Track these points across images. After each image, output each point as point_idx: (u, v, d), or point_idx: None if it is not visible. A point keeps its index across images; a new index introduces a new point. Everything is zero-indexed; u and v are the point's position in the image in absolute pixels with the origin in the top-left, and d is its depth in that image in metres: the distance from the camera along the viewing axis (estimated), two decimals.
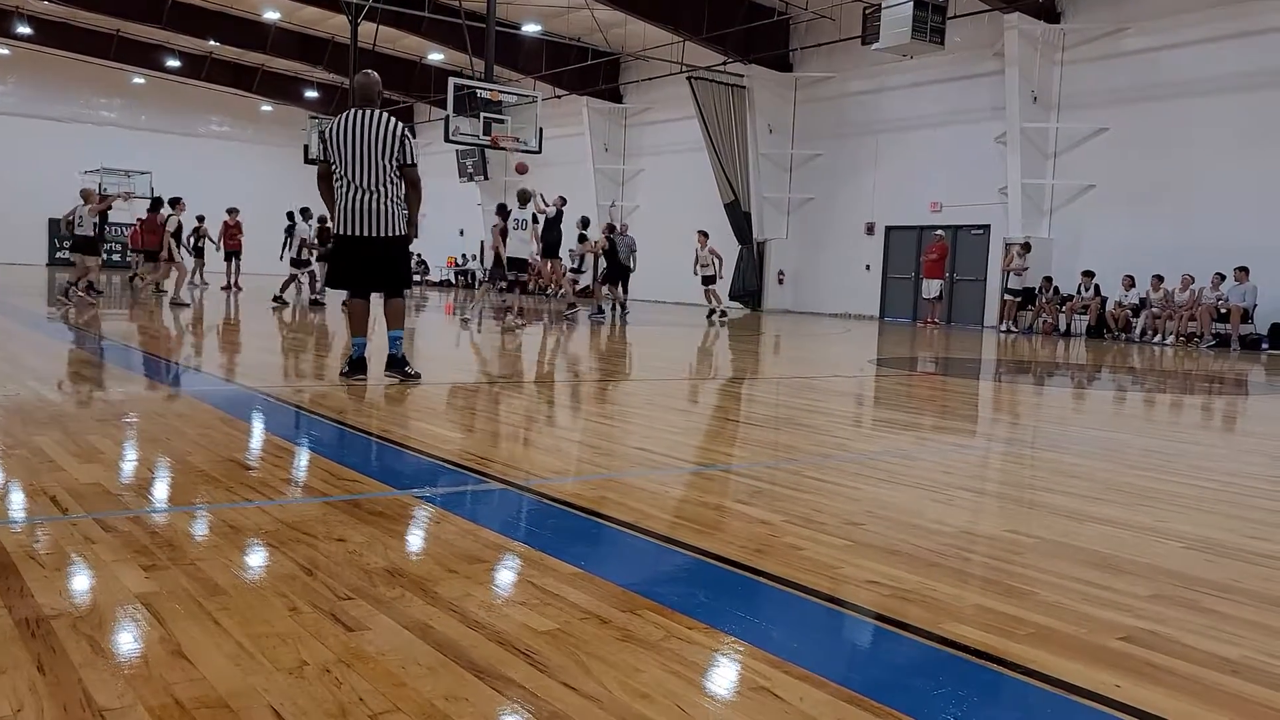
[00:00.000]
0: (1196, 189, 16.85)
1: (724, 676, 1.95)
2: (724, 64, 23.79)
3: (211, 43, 31.53)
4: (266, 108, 38.07)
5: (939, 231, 20.73)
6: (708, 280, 19.26)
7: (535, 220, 14.83)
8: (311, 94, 35.59)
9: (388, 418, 5.38)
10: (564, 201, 16.79)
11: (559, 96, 27.54)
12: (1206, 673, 2.05)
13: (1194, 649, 2.18)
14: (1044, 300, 18.82)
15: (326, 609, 2.21)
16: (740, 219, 24.17)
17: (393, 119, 6.32)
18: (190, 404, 5.57)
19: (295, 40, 30.65)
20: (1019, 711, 1.88)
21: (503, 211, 14.40)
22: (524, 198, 14.25)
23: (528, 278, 15.92)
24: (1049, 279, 18.77)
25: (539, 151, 20.05)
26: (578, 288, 17.67)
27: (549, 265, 18.11)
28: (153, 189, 35.64)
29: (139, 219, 28.33)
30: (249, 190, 35.91)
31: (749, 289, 24.52)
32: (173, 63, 33.19)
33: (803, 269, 24.60)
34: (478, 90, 19.05)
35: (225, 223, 22.50)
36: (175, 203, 17.05)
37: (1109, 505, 3.79)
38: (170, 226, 16.60)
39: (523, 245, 14.27)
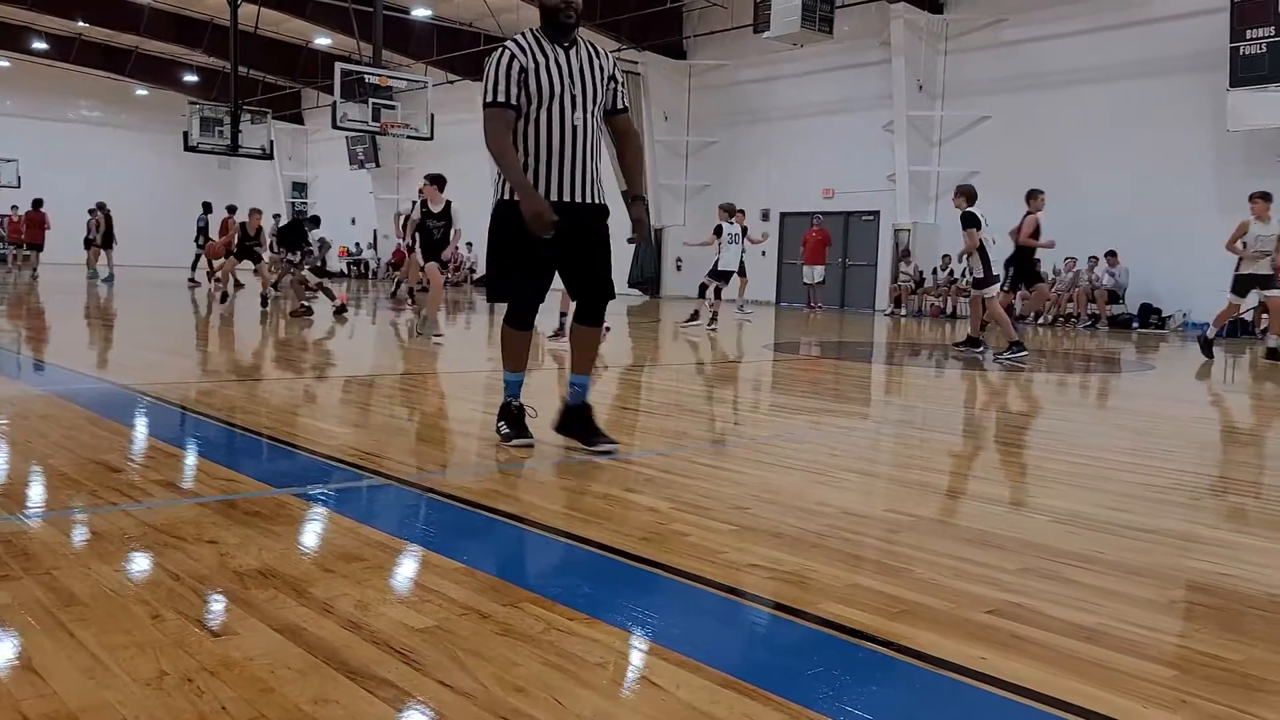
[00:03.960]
0: (1072, 175, 17.56)
1: (602, 667, 1.95)
2: (618, 50, 23.75)
3: (80, 24, 29.97)
4: (142, 91, 36.41)
5: (817, 217, 21.14)
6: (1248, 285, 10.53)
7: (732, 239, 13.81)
8: (191, 78, 34.19)
9: (271, 415, 5.21)
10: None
11: (451, 82, 27.09)
12: (1065, 641, 2.13)
13: (1055, 619, 2.27)
14: (934, 283, 19.46)
15: (192, 615, 2.13)
16: None
17: None
18: (55, 403, 5.30)
19: (171, 21, 29.31)
20: (889, 687, 1.92)
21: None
22: (731, 210, 13.88)
23: None
24: (946, 257, 19.40)
25: (431, 138, 19.72)
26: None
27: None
28: (19, 178, 33.88)
29: (16, 210, 27.29)
30: (124, 177, 34.44)
31: (647, 276, 24.62)
32: (39, 45, 31.46)
33: (701, 256, 24.75)
34: (366, 75, 18.62)
35: (27, 214, 22.21)
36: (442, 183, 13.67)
37: (984, 482, 3.92)
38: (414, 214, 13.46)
39: (735, 257, 13.98)
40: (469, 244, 29.25)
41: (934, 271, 19.69)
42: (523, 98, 3.95)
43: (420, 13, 25.09)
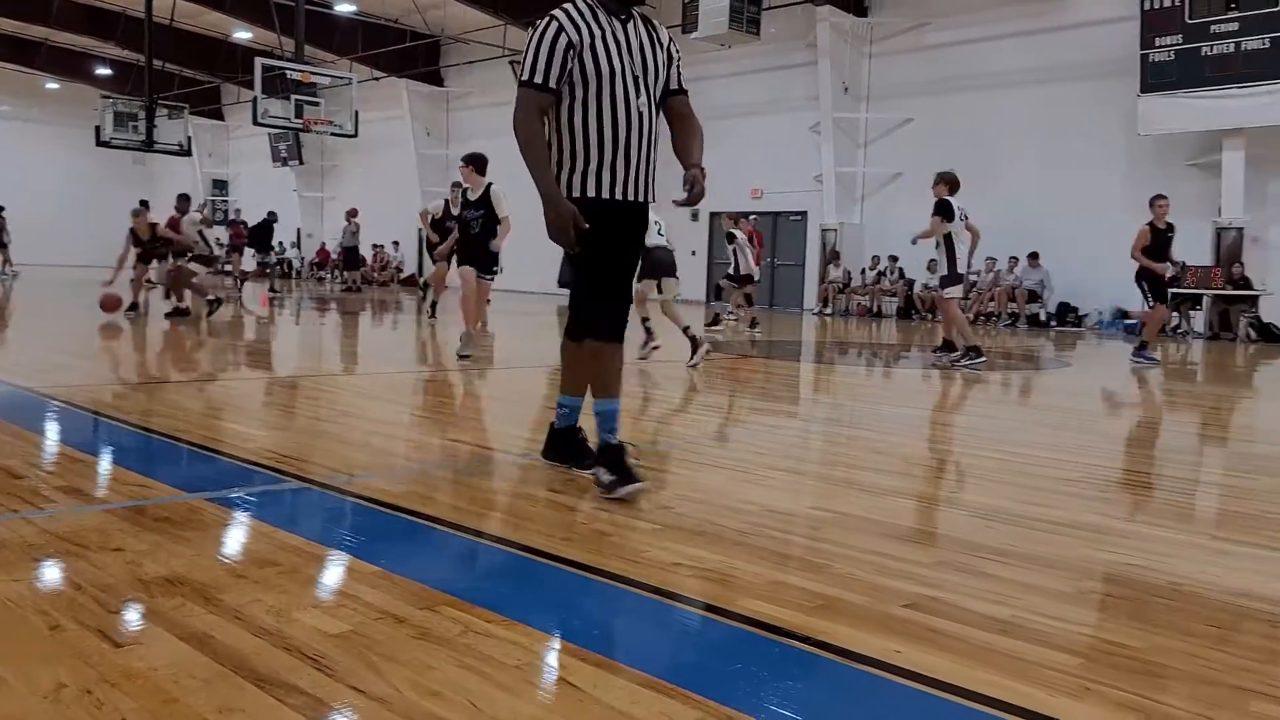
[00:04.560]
0: (995, 177, 17.97)
1: (519, 669, 1.92)
2: None
3: None
4: (52, 85, 35.14)
5: (751, 217, 21.33)
6: None
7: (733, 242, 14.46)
8: (104, 71, 33.09)
9: (188, 418, 5.06)
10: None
11: (376, 79, 26.68)
12: (979, 633, 2.17)
13: (970, 611, 2.32)
14: (861, 283, 19.79)
15: (93, 625, 2.05)
16: None
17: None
18: None
19: (82, 12, 28.33)
20: (807, 682, 1.93)
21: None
22: (737, 220, 14.85)
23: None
24: (876, 258, 19.76)
25: (355, 135, 19.40)
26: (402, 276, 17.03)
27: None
28: None
29: None
30: (33, 173, 33.21)
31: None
32: None
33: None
34: (288, 71, 18.24)
35: None
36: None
37: (907, 479, 3.98)
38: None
39: (748, 262, 14.50)
40: (395, 242, 28.89)
41: (861, 271, 20.02)
42: (571, 79, 3.32)
43: (344, 8, 24.66)
